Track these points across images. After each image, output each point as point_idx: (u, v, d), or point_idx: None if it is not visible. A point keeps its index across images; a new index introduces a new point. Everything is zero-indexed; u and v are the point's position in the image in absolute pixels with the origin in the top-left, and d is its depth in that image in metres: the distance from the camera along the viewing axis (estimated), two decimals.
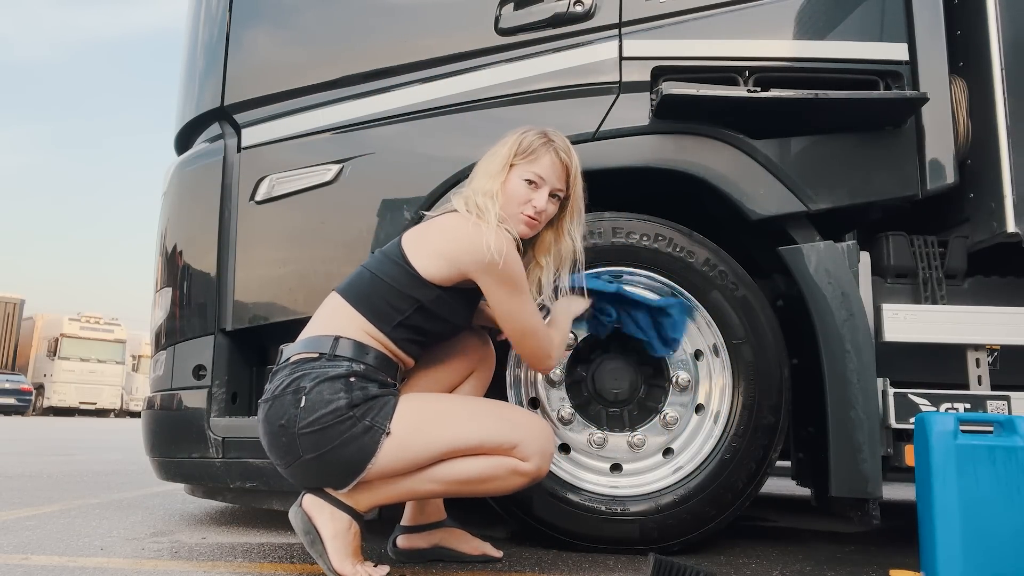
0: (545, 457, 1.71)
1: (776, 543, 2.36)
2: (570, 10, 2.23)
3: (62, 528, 2.34)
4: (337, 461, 1.60)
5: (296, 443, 1.59)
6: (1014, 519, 1.60)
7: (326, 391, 1.58)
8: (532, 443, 1.68)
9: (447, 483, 1.67)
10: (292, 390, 1.60)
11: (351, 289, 1.73)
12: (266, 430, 1.64)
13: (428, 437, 1.63)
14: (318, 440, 1.58)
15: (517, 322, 1.75)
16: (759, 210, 2.15)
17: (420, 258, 1.70)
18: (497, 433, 1.66)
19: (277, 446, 1.63)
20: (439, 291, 1.70)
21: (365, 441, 1.58)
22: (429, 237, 1.74)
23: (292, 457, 1.61)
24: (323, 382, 1.59)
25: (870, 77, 2.20)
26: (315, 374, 1.61)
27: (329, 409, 1.57)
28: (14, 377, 24.47)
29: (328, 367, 1.62)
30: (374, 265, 1.74)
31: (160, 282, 2.44)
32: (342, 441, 1.57)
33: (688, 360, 2.12)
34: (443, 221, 1.76)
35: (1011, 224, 2.06)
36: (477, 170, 1.83)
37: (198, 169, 2.40)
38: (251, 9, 2.43)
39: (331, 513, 1.63)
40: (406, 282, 1.69)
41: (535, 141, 1.80)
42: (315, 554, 1.62)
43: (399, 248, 1.73)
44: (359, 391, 1.60)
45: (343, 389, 1.59)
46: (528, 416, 1.80)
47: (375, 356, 1.67)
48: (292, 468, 1.64)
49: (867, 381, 2.03)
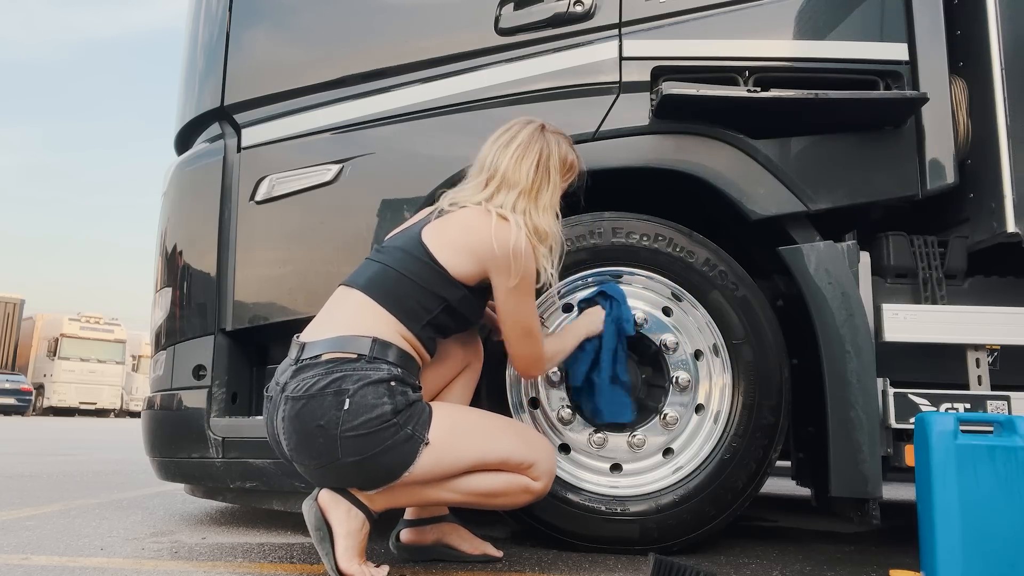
0: (551, 477, 1.81)
1: (776, 543, 2.36)
2: (570, 10, 2.23)
3: (62, 528, 2.34)
4: (376, 467, 1.60)
5: (336, 445, 1.57)
6: (1014, 519, 1.60)
7: (370, 395, 1.58)
8: (545, 463, 1.76)
9: (465, 493, 1.70)
10: (333, 391, 1.57)
11: (376, 287, 1.71)
12: (297, 428, 1.60)
13: (462, 450, 1.66)
14: (362, 444, 1.57)
15: (522, 321, 1.77)
16: (759, 210, 2.15)
17: (446, 255, 1.71)
18: (519, 451, 1.72)
19: (311, 446, 1.60)
20: (465, 290, 1.73)
21: (406, 449, 1.59)
22: (452, 234, 1.74)
23: (328, 459, 1.60)
24: (367, 385, 1.58)
25: (870, 77, 2.20)
26: (357, 376, 1.59)
27: (375, 415, 1.56)
28: (14, 377, 24.47)
29: (370, 370, 1.60)
30: (396, 262, 1.73)
31: (160, 282, 2.44)
32: (384, 448, 1.58)
33: (688, 360, 2.12)
34: (466, 217, 1.76)
35: (1011, 224, 2.06)
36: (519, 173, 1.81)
37: (198, 169, 2.40)
38: (251, 9, 2.43)
39: (347, 511, 1.64)
40: (434, 280, 1.71)
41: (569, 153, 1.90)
42: (322, 551, 1.62)
43: (421, 244, 1.73)
44: (400, 396, 1.60)
45: (387, 394, 1.59)
46: (541, 438, 1.88)
47: (408, 359, 1.68)
48: (323, 469, 1.62)
49: (867, 381, 2.03)
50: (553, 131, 1.91)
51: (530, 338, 1.79)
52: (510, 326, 1.78)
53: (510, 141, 1.85)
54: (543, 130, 1.88)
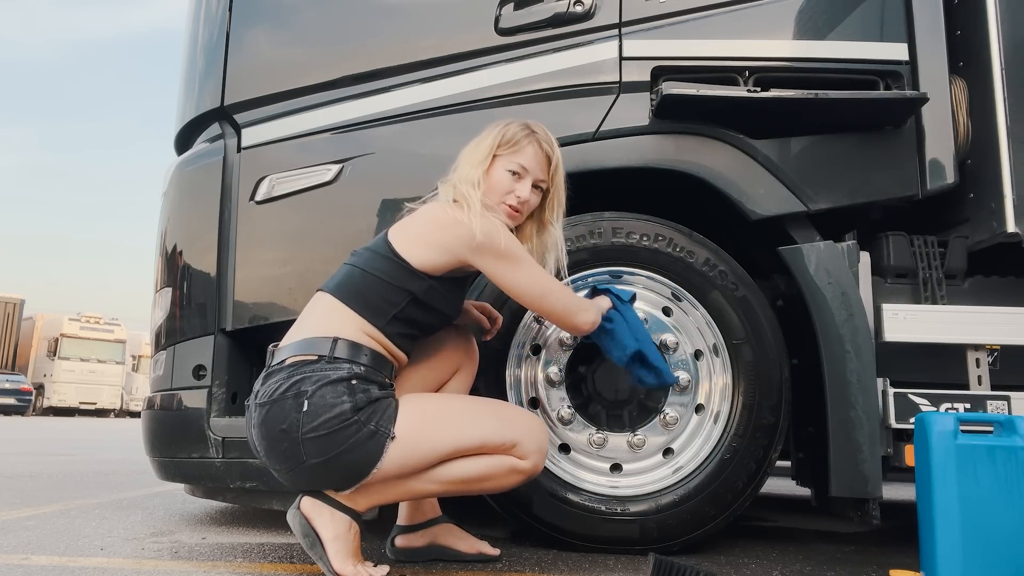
0: (542, 454, 1.74)
1: (776, 543, 2.36)
2: (570, 10, 2.23)
3: (62, 528, 2.34)
4: (342, 466, 1.59)
5: (299, 448, 1.57)
6: (1014, 519, 1.60)
7: (329, 395, 1.57)
8: (530, 441, 1.70)
9: (447, 483, 1.67)
10: (292, 394, 1.58)
11: (342, 288, 1.72)
12: (264, 434, 1.61)
13: (432, 440, 1.63)
14: (323, 445, 1.56)
15: (530, 287, 1.75)
16: (759, 210, 2.15)
17: (409, 249, 1.71)
18: (497, 433, 1.68)
19: (277, 451, 1.61)
20: (431, 281, 1.72)
21: (370, 446, 1.58)
22: (415, 228, 1.75)
23: (294, 462, 1.59)
24: (325, 385, 1.58)
25: (870, 77, 2.20)
26: (316, 377, 1.59)
27: (334, 413, 1.56)
28: (14, 377, 24.48)
29: (329, 370, 1.60)
30: (362, 262, 1.74)
31: (160, 282, 2.44)
32: (348, 446, 1.56)
33: (688, 360, 2.12)
34: (426, 211, 1.77)
35: (1011, 224, 2.06)
36: (460, 159, 1.85)
37: (198, 169, 2.40)
38: (251, 9, 2.43)
39: (331, 515, 1.63)
40: (397, 275, 1.70)
41: (518, 132, 1.83)
42: (315, 556, 1.62)
43: (386, 243, 1.74)
44: (362, 394, 1.59)
45: (346, 392, 1.58)
46: (524, 413, 1.81)
47: (373, 356, 1.67)
48: (293, 473, 1.62)
49: (867, 381, 2.03)
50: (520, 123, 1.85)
51: (549, 295, 1.76)
52: (527, 298, 1.77)
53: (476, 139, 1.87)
54: (507, 124, 1.86)
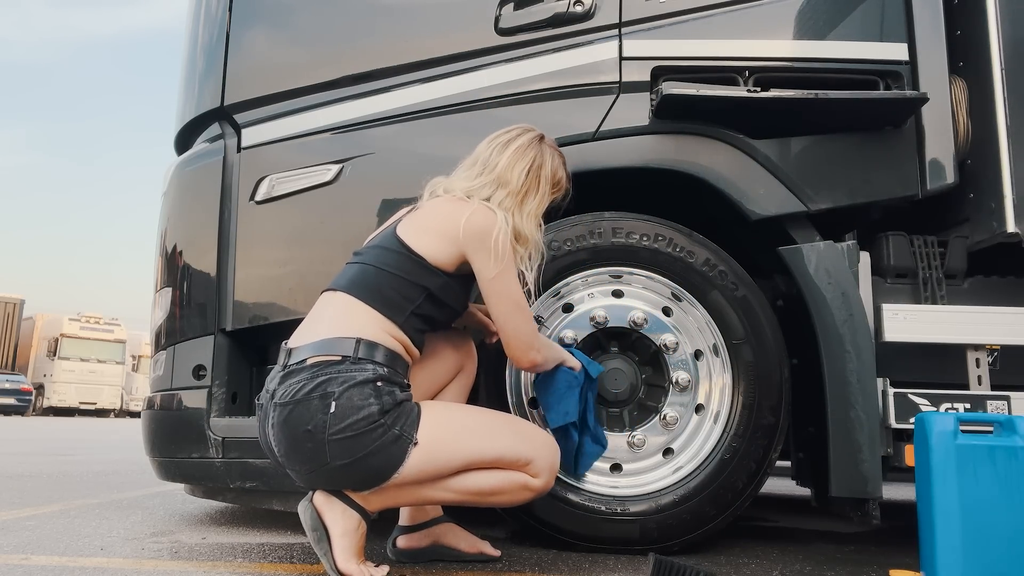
0: (553, 473, 1.77)
1: (776, 543, 2.36)
2: (570, 10, 2.23)
3: (62, 528, 2.34)
4: (365, 468, 1.59)
5: (324, 449, 1.57)
6: (1014, 519, 1.60)
7: (356, 396, 1.57)
8: (543, 459, 1.73)
9: (460, 493, 1.69)
10: (319, 395, 1.57)
11: (356, 285, 1.72)
12: (286, 434, 1.60)
13: (452, 449, 1.65)
14: (350, 447, 1.56)
15: (508, 296, 1.76)
16: (759, 210, 2.15)
17: (422, 243, 1.73)
18: (514, 448, 1.70)
19: (300, 451, 1.60)
20: (446, 277, 1.74)
21: (394, 450, 1.59)
22: (426, 222, 1.77)
23: (317, 463, 1.59)
24: (352, 387, 1.58)
25: (870, 77, 2.20)
26: (342, 379, 1.59)
27: (361, 416, 1.56)
28: (14, 377, 24.48)
29: (354, 371, 1.60)
30: (374, 259, 1.75)
31: (160, 282, 2.44)
32: (373, 449, 1.57)
33: (688, 360, 2.12)
34: (437, 205, 1.79)
35: (1011, 224, 2.06)
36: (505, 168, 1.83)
37: (198, 169, 2.40)
38: (251, 9, 2.43)
39: (343, 511, 1.64)
40: (413, 270, 1.72)
41: (563, 174, 1.93)
42: (320, 551, 1.63)
43: (396, 238, 1.75)
44: (387, 396, 1.60)
45: (373, 394, 1.58)
46: (539, 432, 1.84)
47: (394, 356, 1.68)
48: (314, 474, 1.62)
49: (867, 381, 2.03)
50: (550, 144, 1.93)
51: (521, 312, 1.78)
52: (497, 301, 1.77)
53: (509, 142, 1.87)
54: (541, 140, 1.91)
